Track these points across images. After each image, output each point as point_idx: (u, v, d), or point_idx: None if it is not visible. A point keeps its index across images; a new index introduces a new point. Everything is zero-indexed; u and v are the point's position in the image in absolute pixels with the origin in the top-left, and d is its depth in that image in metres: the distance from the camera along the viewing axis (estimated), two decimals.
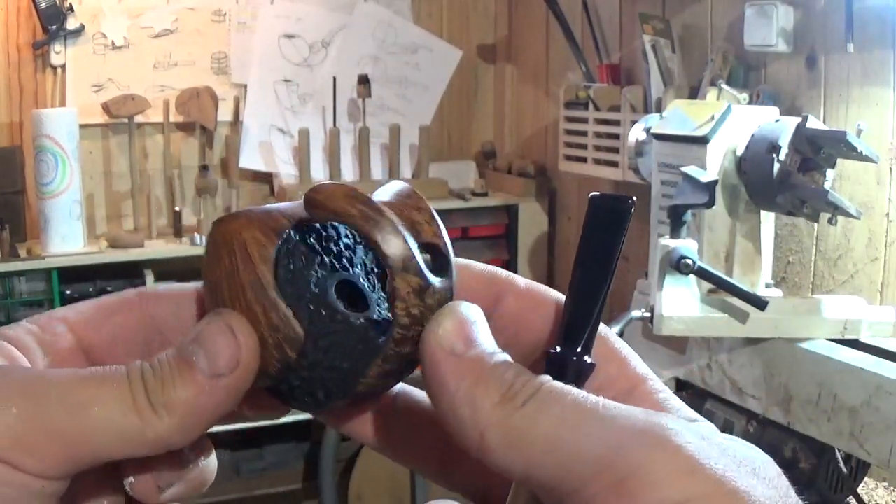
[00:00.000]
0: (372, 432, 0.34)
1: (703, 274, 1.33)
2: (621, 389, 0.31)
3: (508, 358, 0.29)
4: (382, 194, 0.32)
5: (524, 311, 0.32)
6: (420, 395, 0.34)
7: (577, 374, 0.30)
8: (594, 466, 0.26)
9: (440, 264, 0.31)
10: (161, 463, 0.31)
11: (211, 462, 0.33)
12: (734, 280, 1.37)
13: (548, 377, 0.28)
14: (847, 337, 1.34)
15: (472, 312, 0.30)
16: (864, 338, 1.34)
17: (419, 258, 0.30)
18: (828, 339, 1.35)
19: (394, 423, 0.34)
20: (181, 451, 0.32)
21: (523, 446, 0.27)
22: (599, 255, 0.30)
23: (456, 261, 0.32)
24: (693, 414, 0.31)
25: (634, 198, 0.30)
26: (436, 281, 0.30)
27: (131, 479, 0.31)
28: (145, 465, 0.31)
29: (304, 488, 2.56)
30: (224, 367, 0.29)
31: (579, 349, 0.30)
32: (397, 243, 0.30)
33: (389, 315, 0.30)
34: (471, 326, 0.29)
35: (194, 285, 0.34)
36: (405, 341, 0.30)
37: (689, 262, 1.31)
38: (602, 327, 0.32)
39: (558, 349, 0.31)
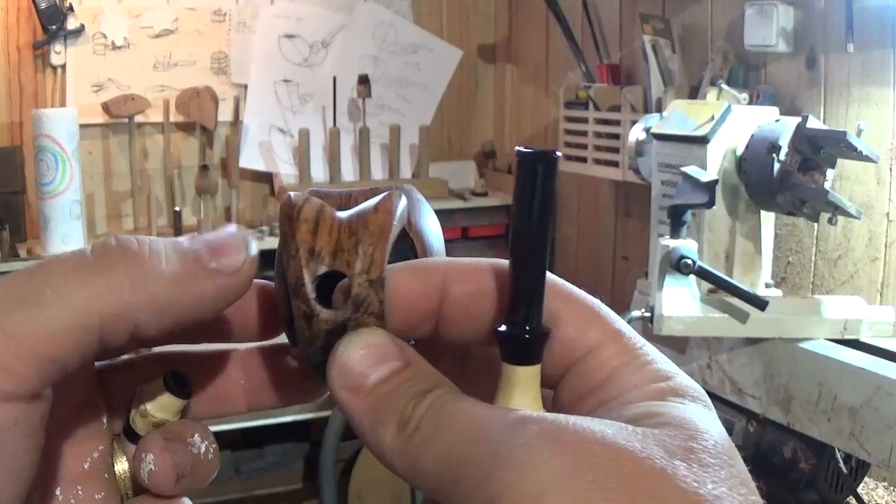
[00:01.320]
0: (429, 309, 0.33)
1: (703, 274, 1.33)
2: (585, 350, 0.29)
3: (407, 374, 0.29)
4: (361, 203, 0.32)
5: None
6: (474, 286, 0.32)
7: (529, 349, 0.29)
8: (472, 487, 0.25)
9: (346, 295, 0.31)
10: (180, 450, 0.31)
11: (217, 454, 0.33)
12: (734, 280, 1.37)
13: (445, 389, 0.28)
14: (847, 337, 1.34)
15: (361, 341, 0.30)
16: (864, 338, 1.34)
17: (309, 286, 0.30)
18: (828, 339, 1.35)
19: (452, 305, 0.32)
20: (194, 437, 0.32)
21: (420, 473, 0.27)
22: (532, 215, 0.29)
23: (392, 267, 0.31)
24: (671, 369, 0.29)
25: (559, 151, 0.29)
26: (324, 310, 0.30)
27: (151, 466, 0.30)
28: (166, 450, 0.31)
29: (304, 488, 2.56)
30: (227, 265, 0.29)
31: (528, 324, 0.29)
32: (294, 267, 0.30)
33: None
34: (361, 359, 0.29)
35: None
36: (307, 354, 0.31)
37: (689, 262, 1.31)
38: (559, 283, 0.30)
39: (504, 327, 0.29)
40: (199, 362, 0.35)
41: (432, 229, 0.34)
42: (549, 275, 0.30)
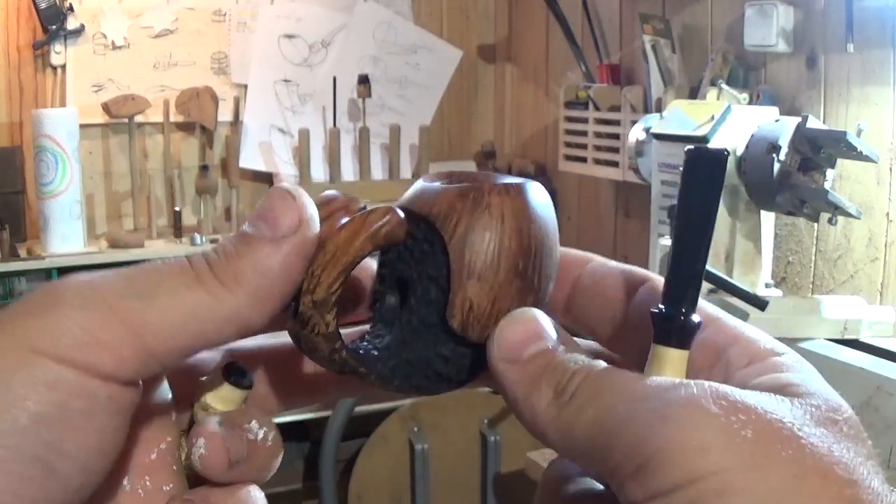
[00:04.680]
0: (562, 300, 0.35)
1: None
2: (723, 347, 0.31)
3: (561, 349, 0.31)
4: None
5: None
6: (604, 271, 0.35)
7: (682, 333, 0.30)
8: (632, 444, 0.26)
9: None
10: (234, 435, 0.30)
11: (277, 441, 0.32)
12: (734, 280, 1.37)
13: (599, 363, 0.29)
14: (847, 337, 1.34)
15: (520, 319, 0.31)
16: (864, 338, 1.34)
17: (295, 302, 0.31)
18: (828, 339, 1.35)
19: (580, 293, 0.35)
20: (251, 423, 0.31)
21: (574, 438, 0.28)
22: (698, 210, 0.30)
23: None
24: (779, 345, 0.31)
25: (727, 149, 0.31)
26: (289, 320, 0.31)
27: (202, 450, 0.30)
28: (218, 433, 0.30)
29: (304, 488, 2.56)
30: (286, 228, 0.29)
31: (684, 308, 0.30)
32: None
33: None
34: (519, 335, 0.31)
35: None
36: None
37: None
38: (653, 276, 0.33)
39: (662, 308, 0.30)
40: (265, 355, 0.35)
41: (485, 244, 0.31)
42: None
